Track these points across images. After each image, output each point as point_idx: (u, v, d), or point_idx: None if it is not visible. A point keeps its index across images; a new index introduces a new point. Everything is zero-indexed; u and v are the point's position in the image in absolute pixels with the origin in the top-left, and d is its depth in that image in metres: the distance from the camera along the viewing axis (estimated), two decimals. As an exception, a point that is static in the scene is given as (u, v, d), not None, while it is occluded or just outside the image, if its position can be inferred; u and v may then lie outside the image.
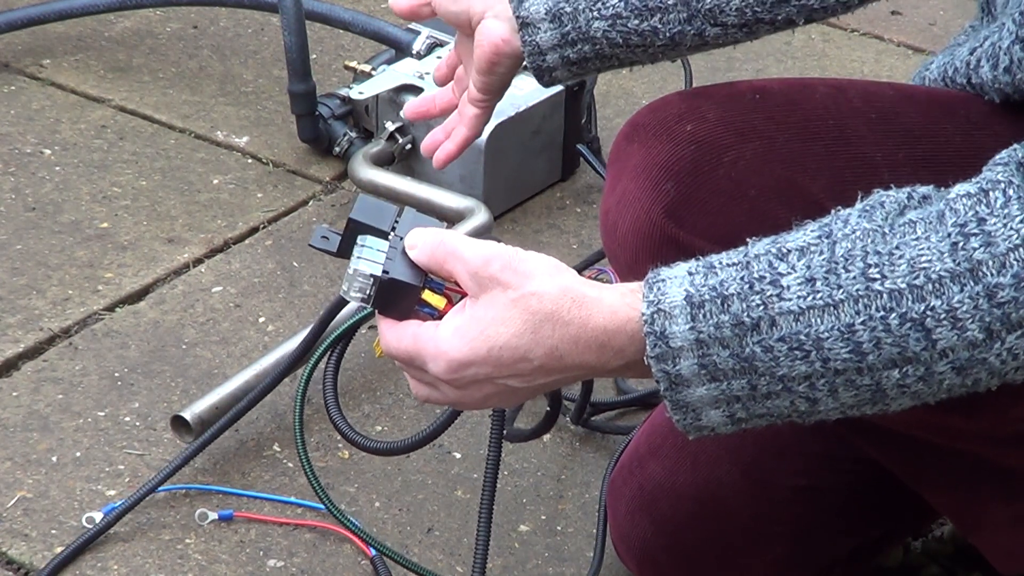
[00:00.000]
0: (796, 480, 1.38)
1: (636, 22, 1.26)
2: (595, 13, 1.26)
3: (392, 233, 1.06)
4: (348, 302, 1.15)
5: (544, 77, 1.32)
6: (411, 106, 1.45)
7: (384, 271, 1.04)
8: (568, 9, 1.26)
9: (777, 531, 1.39)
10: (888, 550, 1.53)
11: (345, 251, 1.06)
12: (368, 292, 1.04)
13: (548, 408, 1.26)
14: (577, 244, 2.09)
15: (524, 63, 1.32)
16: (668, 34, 1.26)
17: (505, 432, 1.56)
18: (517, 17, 1.28)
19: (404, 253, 1.05)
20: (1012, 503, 1.25)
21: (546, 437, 1.70)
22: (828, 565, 1.44)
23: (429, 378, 1.05)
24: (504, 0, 1.29)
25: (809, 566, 1.43)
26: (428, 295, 1.05)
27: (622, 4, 1.25)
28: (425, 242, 1.05)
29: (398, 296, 1.05)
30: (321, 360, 1.32)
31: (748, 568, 1.42)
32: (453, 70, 1.42)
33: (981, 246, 0.95)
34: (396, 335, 1.05)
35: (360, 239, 1.05)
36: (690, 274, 0.99)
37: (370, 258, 1.04)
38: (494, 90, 1.35)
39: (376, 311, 1.06)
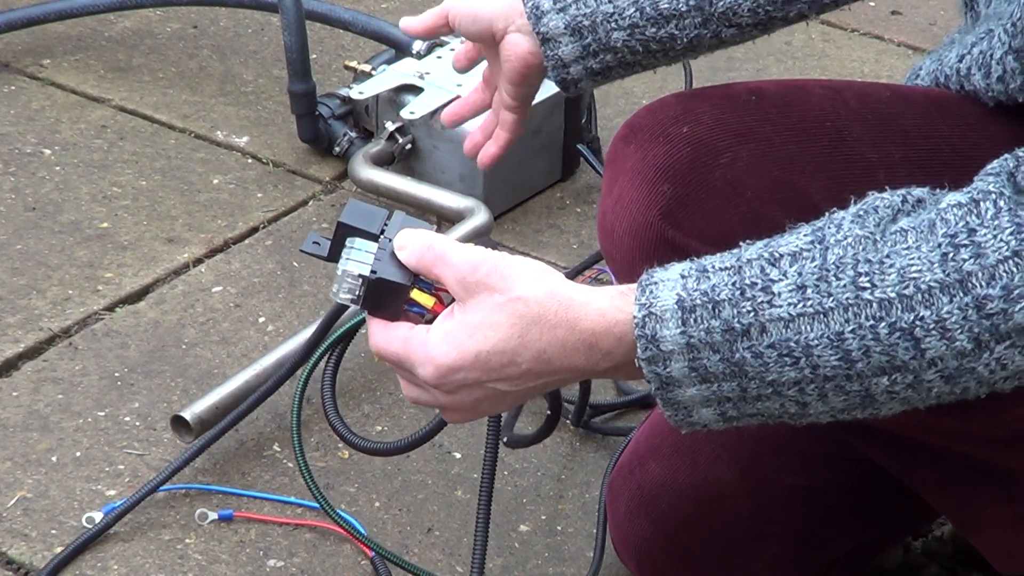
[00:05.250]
0: (795, 479, 1.38)
1: (653, 30, 1.29)
2: (613, 24, 1.30)
3: (382, 236, 1.06)
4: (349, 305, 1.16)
5: (569, 88, 1.36)
6: (448, 113, 1.51)
7: (372, 271, 1.04)
8: (587, 23, 1.30)
9: (776, 530, 1.39)
10: (888, 550, 1.53)
11: (335, 255, 1.07)
12: (357, 293, 1.04)
13: (548, 412, 1.26)
14: (577, 244, 2.09)
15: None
16: (686, 39, 1.30)
17: (506, 439, 1.56)
18: (537, 33, 1.32)
19: (393, 254, 1.05)
20: (1011, 504, 1.24)
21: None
22: (827, 565, 1.43)
23: (419, 380, 1.05)
24: (523, 14, 1.33)
25: (808, 566, 1.42)
26: (417, 294, 1.05)
27: (638, 14, 1.29)
28: (414, 245, 1.05)
29: (387, 296, 1.05)
30: (321, 360, 1.33)
31: (747, 567, 1.42)
32: (471, 61, 1.48)
33: (971, 257, 0.95)
34: (386, 337, 1.05)
35: (349, 241, 1.06)
36: (682, 277, 0.99)
37: (358, 259, 1.05)
38: (527, 98, 1.42)
39: (366, 312, 1.07)
